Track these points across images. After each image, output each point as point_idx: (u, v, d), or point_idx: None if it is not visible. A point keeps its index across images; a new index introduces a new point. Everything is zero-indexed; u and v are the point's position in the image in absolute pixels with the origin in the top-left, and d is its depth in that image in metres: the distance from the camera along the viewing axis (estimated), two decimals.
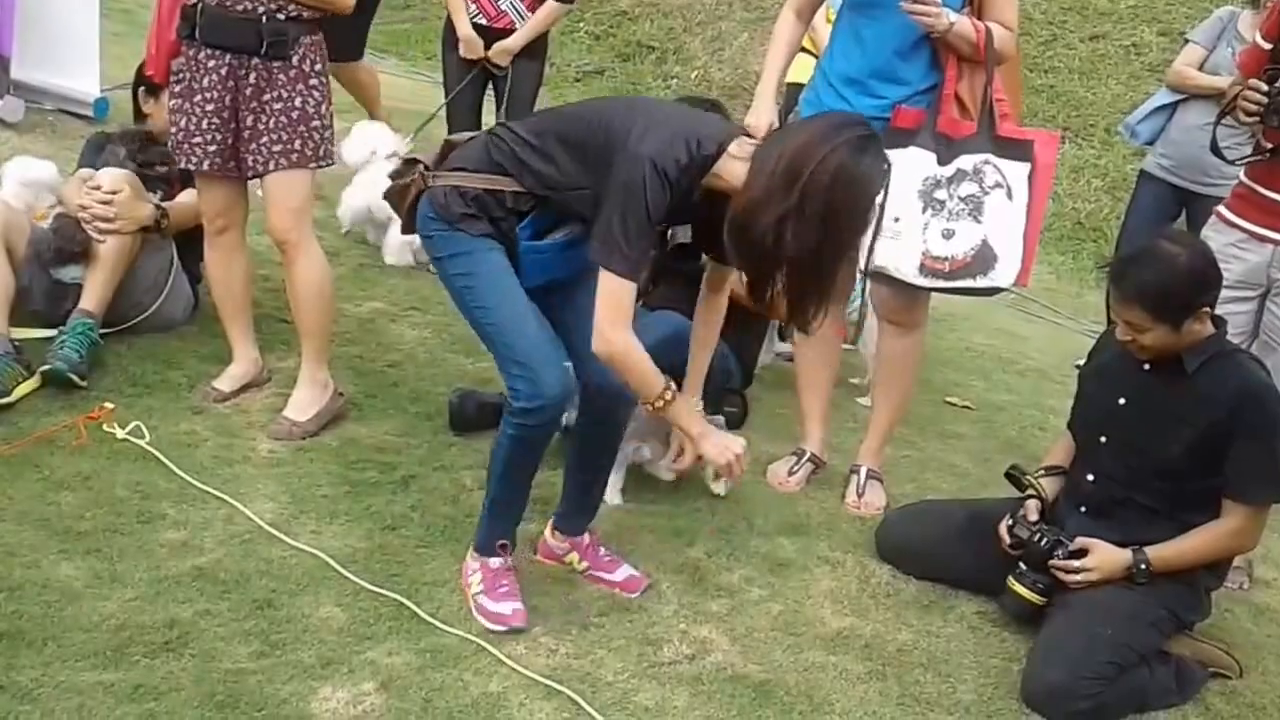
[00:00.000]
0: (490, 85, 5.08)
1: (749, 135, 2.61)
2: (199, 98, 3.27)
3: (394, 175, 2.87)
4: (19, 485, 2.96)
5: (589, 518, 3.01)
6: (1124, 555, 2.88)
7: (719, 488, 3.49)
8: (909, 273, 3.25)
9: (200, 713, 2.32)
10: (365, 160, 4.93)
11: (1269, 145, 3.24)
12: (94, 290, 3.55)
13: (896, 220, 3.20)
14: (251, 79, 3.23)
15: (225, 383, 3.60)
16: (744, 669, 2.77)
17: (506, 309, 2.64)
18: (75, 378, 3.37)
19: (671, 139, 2.50)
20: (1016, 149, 3.22)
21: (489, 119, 4.98)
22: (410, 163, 2.83)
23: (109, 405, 3.34)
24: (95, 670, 2.39)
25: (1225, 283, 2.93)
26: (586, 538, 3.00)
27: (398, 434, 3.56)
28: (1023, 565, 3.00)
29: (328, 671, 2.51)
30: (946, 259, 3.22)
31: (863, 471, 3.65)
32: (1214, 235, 3.36)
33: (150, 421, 3.33)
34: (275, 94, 3.25)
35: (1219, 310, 2.89)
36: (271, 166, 3.29)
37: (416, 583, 2.86)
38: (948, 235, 3.22)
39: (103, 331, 3.58)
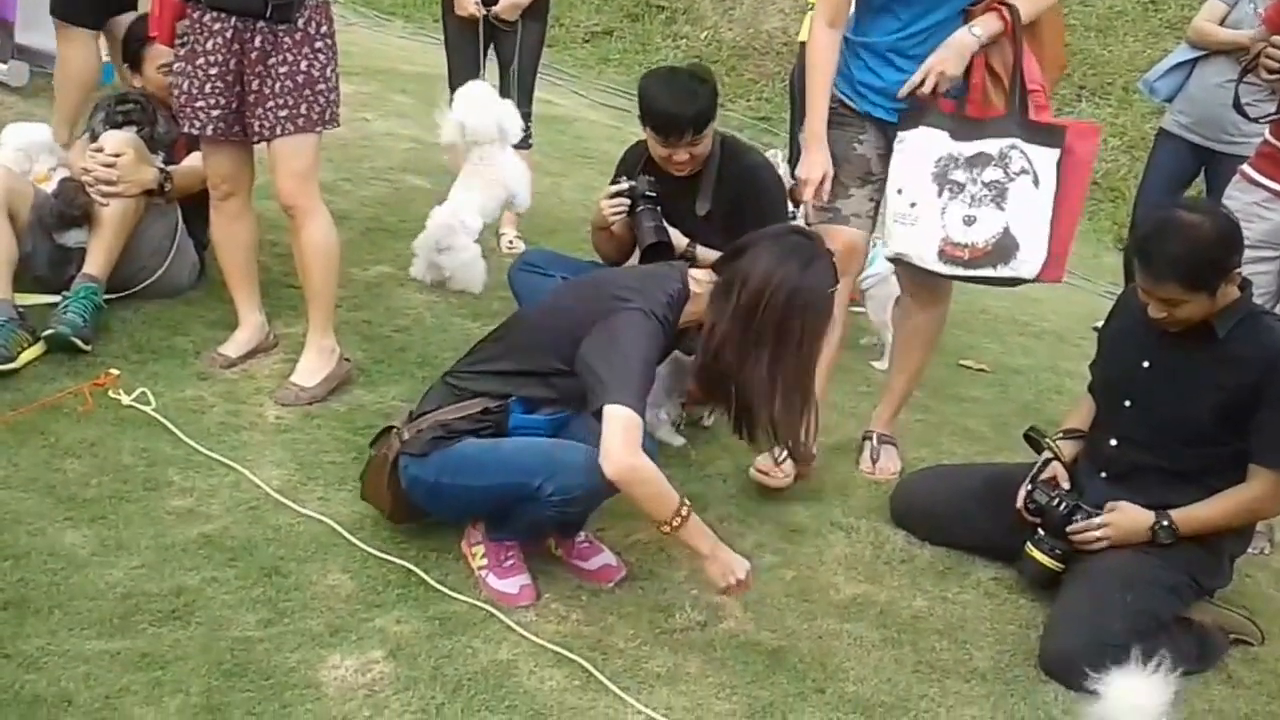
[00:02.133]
0: (494, 46, 5.00)
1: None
2: (202, 61, 3.21)
3: (372, 444, 2.90)
4: (24, 452, 2.94)
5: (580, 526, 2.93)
6: (1146, 516, 2.85)
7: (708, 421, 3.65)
8: (930, 260, 3.10)
9: (207, 681, 2.30)
10: None
11: None
12: (97, 255, 3.51)
13: (913, 205, 3.08)
14: (257, 42, 3.17)
15: (232, 348, 3.56)
16: (756, 636, 2.74)
17: (503, 449, 2.67)
18: (79, 342, 3.33)
19: (646, 289, 2.65)
20: (1047, 134, 3.02)
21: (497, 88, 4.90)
22: (384, 432, 2.86)
23: (115, 371, 3.30)
24: (101, 638, 2.37)
25: (1248, 242, 2.88)
26: None
27: (405, 399, 3.52)
28: (1040, 531, 2.96)
29: (336, 639, 2.48)
30: (966, 246, 3.05)
31: (876, 437, 3.59)
32: (1237, 194, 3.32)
33: (156, 388, 3.30)
34: (281, 57, 3.19)
35: (1243, 271, 2.83)
36: (278, 131, 3.24)
37: (425, 549, 2.83)
38: (969, 222, 3.04)
39: (108, 297, 3.54)
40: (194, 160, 3.70)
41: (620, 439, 2.43)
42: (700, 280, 2.71)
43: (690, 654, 2.64)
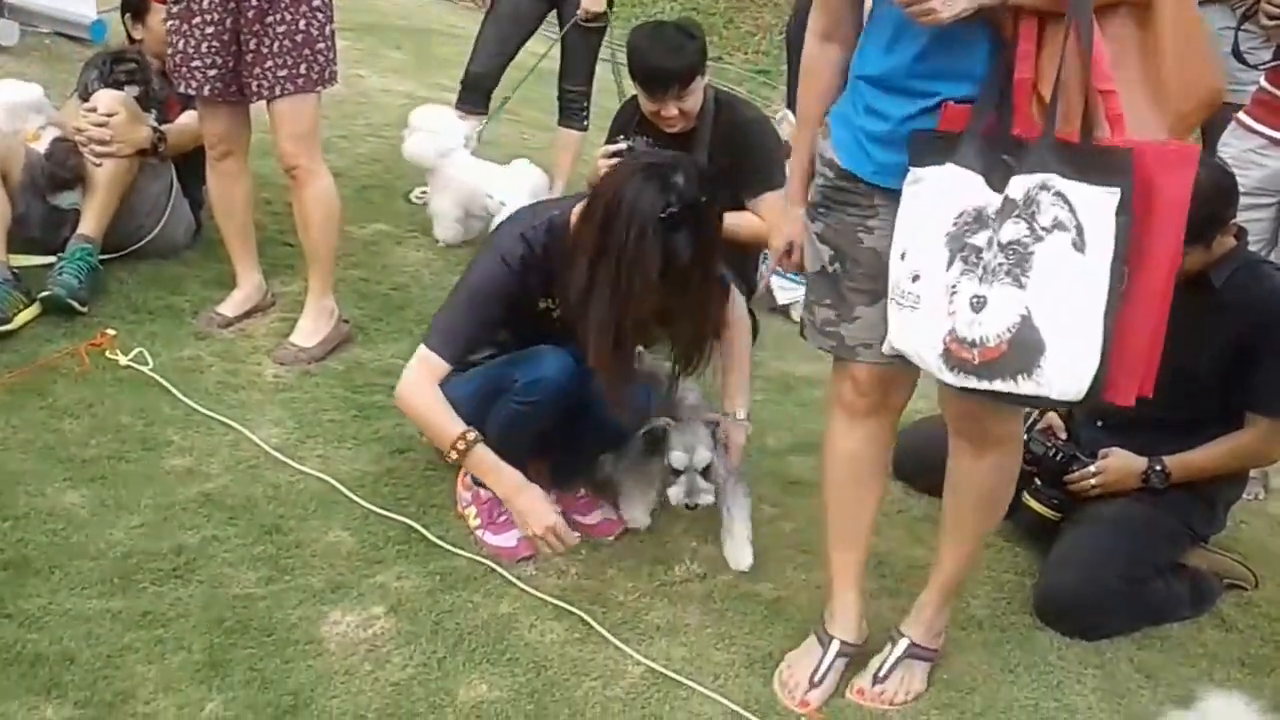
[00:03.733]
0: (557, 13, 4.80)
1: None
2: (198, 19, 3.17)
3: None
4: (22, 413, 2.94)
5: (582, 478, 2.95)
6: (1139, 462, 2.86)
7: None
8: (931, 361, 2.00)
9: (209, 638, 2.31)
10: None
11: None
12: (92, 215, 3.50)
13: (916, 279, 2.01)
14: (253, 1, 3.13)
15: (229, 308, 3.56)
16: (755, 587, 2.75)
17: (495, 361, 2.74)
18: (75, 304, 3.33)
19: (516, 223, 2.62)
20: (1101, 163, 1.81)
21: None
22: None
23: (111, 332, 3.30)
24: (102, 598, 2.38)
25: (1243, 189, 2.88)
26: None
27: (404, 357, 3.48)
28: (1037, 480, 2.96)
29: (337, 595, 2.50)
30: (974, 344, 1.91)
31: (901, 645, 2.50)
32: (1234, 141, 3.30)
33: (154, 348, 3.30)
34: (278, 16, 3.15)
35: (1238, 219, 2.82)
36: (278, 91, 3.21)
37: (425, 506, 2.85)
38: (977, 305, 1.91)
39: (103, 257, 3.53)
40: (188, 118, 3.68)
41: (410, 374, 2.58)
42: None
43: (689, 605, 2.65)
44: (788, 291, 4.39)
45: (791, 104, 4.97)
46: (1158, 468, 2.84)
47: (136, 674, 2.20)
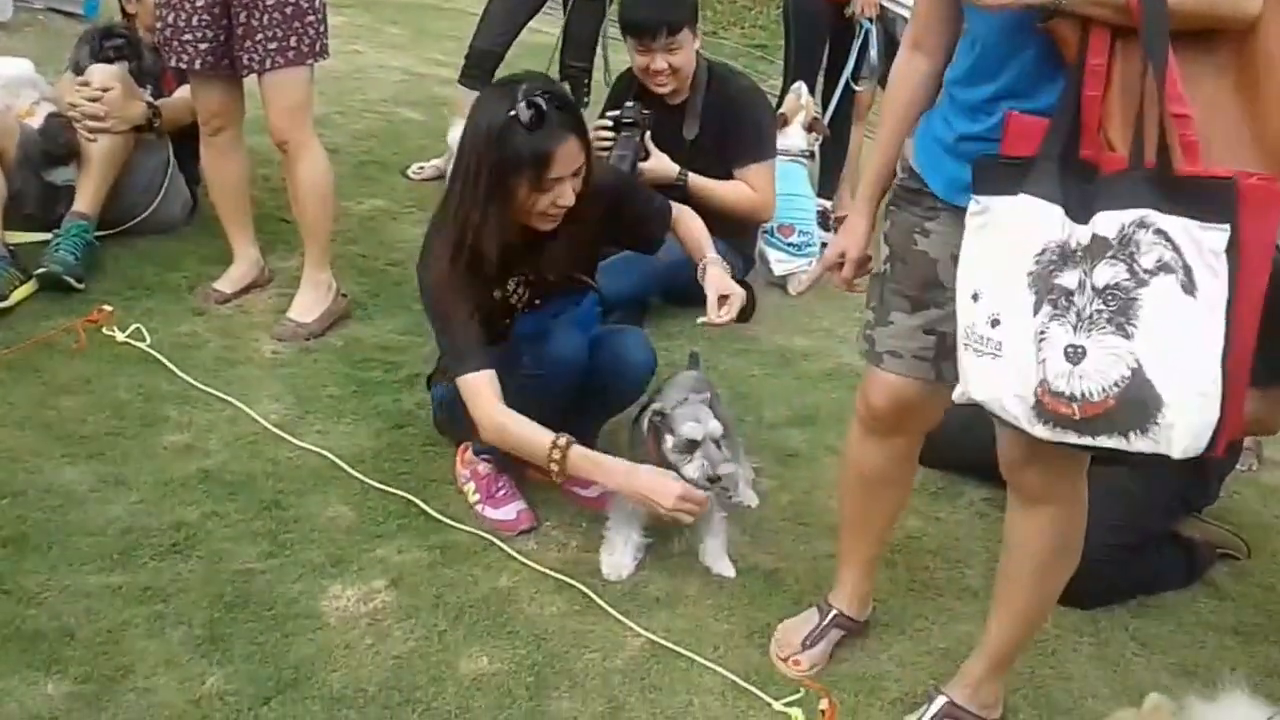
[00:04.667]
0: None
1: None
2: None
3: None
4: (19, 390, 2.94)
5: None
6: None
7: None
8: (1020, 415, 1.79)
9: (209, 613, 2.32)
10: None
11: None
12: (87, 191, 3.50)
13: (995, 324, 1.81)
14: None
15: (226, 284, 3.56)
16: (754, 558, 2.76)
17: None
18: (71, 280, 3.33)
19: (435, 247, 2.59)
20: (1199, 196, 1.62)
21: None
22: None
23: (108, 308, 3.30)
24: (102, 573, 2.38)
25: None
26: None
27: (401, 332, 3.53)
28: None
29: (337, 570, 2.51)
30: (1075, 399, 1.71)
31: (937, 703, 2.29)
32: None
33: (151, 324, 3.30)
34: None
35: None
36: (268, 65, 3.19)
37: (425, 480, 2.85)
38: (1074, 356, 1.71)
39: (100, 234, 3.53)
40: (184, 94, 3.67)
41: (476, 411, 2.51)
42: None
43: (688, 577, 2.66)
44: (784, 263, 4.39)
45: (787, 79, 4.95)
46: None
47: (136, 649, 2.20)
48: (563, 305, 2.78)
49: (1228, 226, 1.60)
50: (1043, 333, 1.74)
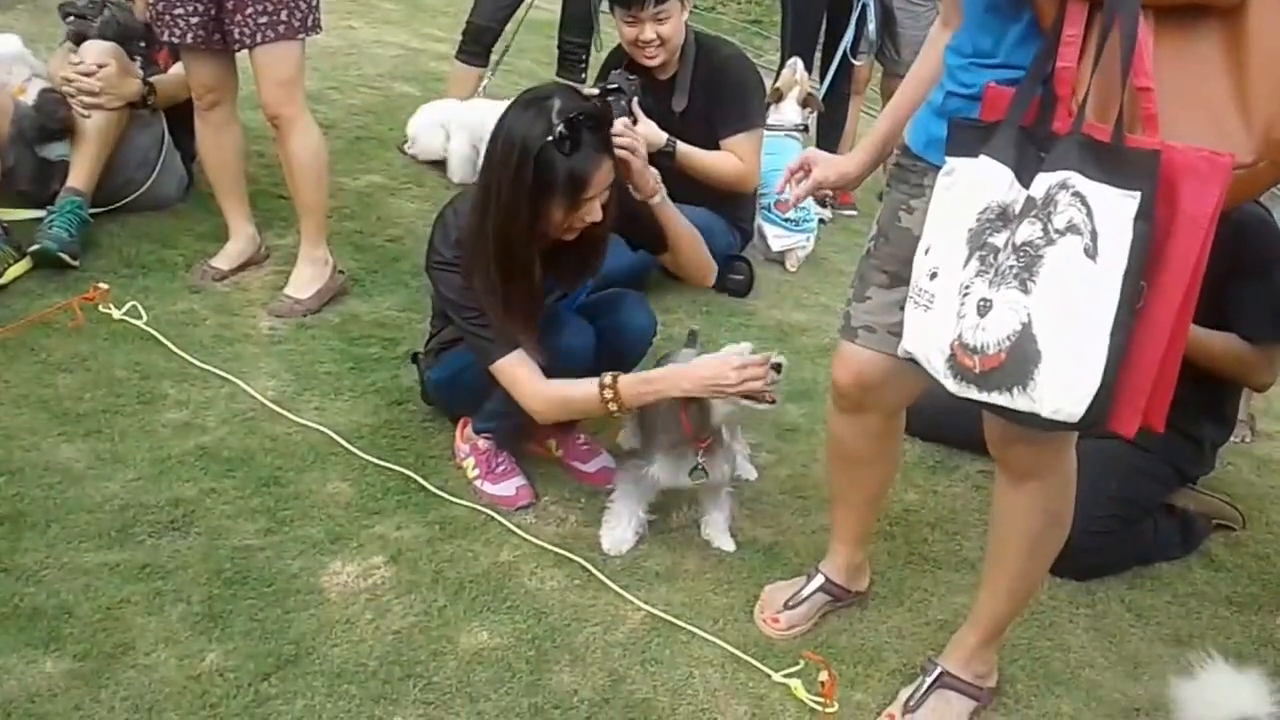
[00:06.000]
0: None
1: None
2: None
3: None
4: (15, 368, 2.93)
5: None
6: None
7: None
8: (939, 367, 1.83)
9: (208, 590, 2.32)
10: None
11: None
12: (81, 167, 3.48)
13: (933, 276, 1.85)
14: None
15: (223, 261, 3.55)
16: (753, 532, 2.77)
17: None
18: (66, 257, 3.31)
19: (444, 234, 2.59)
20: (1122, 163, 1.63)
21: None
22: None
23: (104, 286, 3.29)
24: (100, 551, 2.38)
25: None
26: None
27: (399, 309, 3.52)
28: None
29: (337, 546, 2.51)
30: (976, 351, 1.74)
31: (933, 673, 2.30)
32: None
33: (147, 301, 3.29)
34: None
35: None
36: (258, 39, 3.17)
37: (423, 456, 2.85)
38: (983, 309, 1.74)
39: (95, 211, 3.51)
40: (178, 70, 3.64)
41: (520, 393, 2.53)
42: None
43: (688, 551, 2.67)
44: (782, 239, 4.38)
45: (784, 54, 4.93)
46: None
47: (135, 626, 2.20)
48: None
49: (1139, 194, 1.60)
50: (967, 287, 1.77)
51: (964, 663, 2.29)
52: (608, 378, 2.46)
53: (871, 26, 4.81)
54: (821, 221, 4.71)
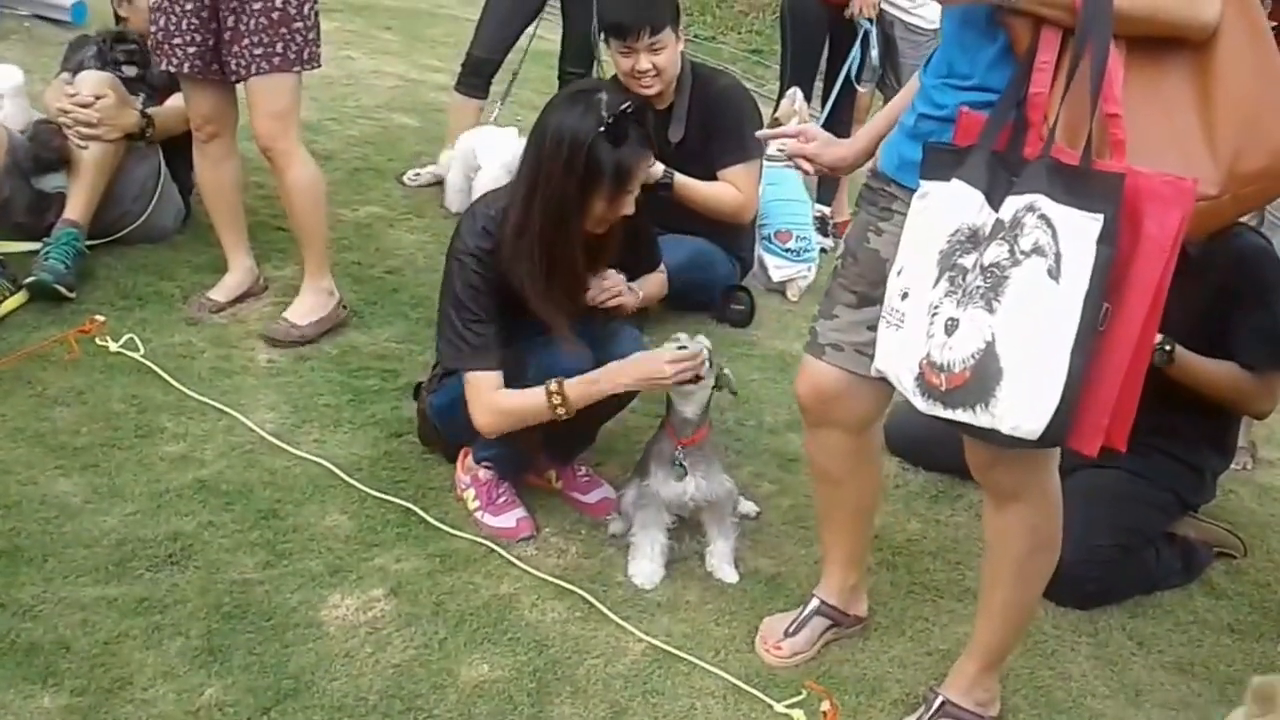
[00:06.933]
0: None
1: None
2: None
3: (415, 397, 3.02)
4: (11, 402, 2.92)
5: (581, 451, 2.96)
6: None
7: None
8: (908, 385, 1.88)
9: (207, 624, 2.30)
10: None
11: (1273, 24, 3.11)
12: (78, 199, 3.47)
13: (905, 296, 1.89)
14: None
15: (221, 293, 3.54)
16: (755, 562, 2.75)
17: None
18: (62, 289, 3.31)
19: (471, 223, 2.61)
20: (1087, 187, 1.67)
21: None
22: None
23: (100, 318, 3.28)
24: (98, 585, 2.36)
25: None
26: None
27: (399, 340, 3.51)
28: None
29: (336, 579, 2.49)
30: (943, 369, 1.79)
31: (935, 703, 2.30)
32: None
33: (144, 334, 3.28)
34: None
35: None
36: (253, 70, 3.18)
37: (423, 488, 2.84)
38: (950, 328, 1.78)
39: (92, 243, 3.51)
40: (176, 102, 3.65)
41: (473, 407, 2.60)
42: None
43: (689, 582, 2.65)
44: (783, 269, 4.38)
45: (784, 83, 4.95)
46: (1165, 348, 2.71)
47: (134, 661, 2.18)
48: None
49: (1101, 216, 1.64)
50: (936, 307, 1.81)
51: (965, 691, 2.29)
52: (554, 384, 2.53)
53: (874, 53, 4.82)
54: (823, 251, 4.71)
